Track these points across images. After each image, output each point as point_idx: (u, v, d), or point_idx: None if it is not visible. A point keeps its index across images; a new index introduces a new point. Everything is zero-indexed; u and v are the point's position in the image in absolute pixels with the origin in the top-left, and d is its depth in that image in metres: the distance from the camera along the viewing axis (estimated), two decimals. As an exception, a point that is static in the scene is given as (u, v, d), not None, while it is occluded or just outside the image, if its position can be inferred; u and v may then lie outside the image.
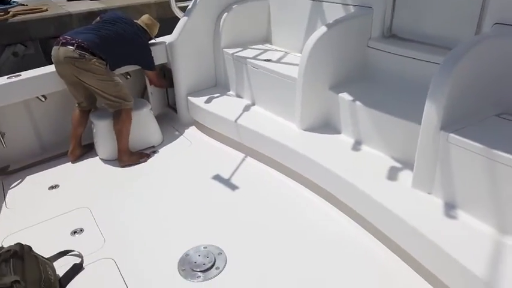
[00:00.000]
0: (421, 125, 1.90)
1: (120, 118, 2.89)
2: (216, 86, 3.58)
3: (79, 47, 2.68)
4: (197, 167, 2.93)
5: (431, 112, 1.84)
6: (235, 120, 2.98)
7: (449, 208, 1.89)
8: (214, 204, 2.51)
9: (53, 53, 2.77)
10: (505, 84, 1.96)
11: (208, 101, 3.31)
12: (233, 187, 2.66)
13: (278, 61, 3.07)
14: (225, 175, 2.78)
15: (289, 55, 3.20)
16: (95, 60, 2.73)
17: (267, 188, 2.65)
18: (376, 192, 2.06)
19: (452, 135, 1.80)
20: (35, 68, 3.03)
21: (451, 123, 1.85)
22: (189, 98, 3.42)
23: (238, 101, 3.29)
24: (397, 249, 1.99)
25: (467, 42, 1.88)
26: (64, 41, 2.71)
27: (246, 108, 3.16)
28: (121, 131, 2.91)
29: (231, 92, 3.44)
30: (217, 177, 2.76)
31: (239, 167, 2.89)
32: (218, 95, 3.41)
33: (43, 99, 3.04)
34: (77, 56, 2.67)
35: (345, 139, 2.57)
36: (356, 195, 2.16)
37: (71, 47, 2.68)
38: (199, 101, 3.34)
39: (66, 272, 1.99)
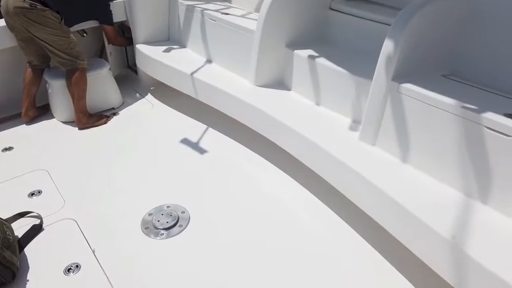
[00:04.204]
0: (374, 76, 1.95)
1: (74, 78, 2.77)
2: (169, 39, 3.45)
3: None
4: (159, 130, 2.89)
5: (383, 64, 1.90)
6: (191, 74, 2.89)
7: (392, 159, 1.98)
8: (175, 166, 2.52)
9: (1, 3, 2.58)
10: (452, 45, 2.05)
11: (161, 53, 3.19)
12: (196, 149, 2.67)
13: (236, 16, 3.00)
14: (187, 137, 2.77)
15: (249, 14, 3.13)
16: (48, 12, 2.57)
17: (227, 150, 2.68)
18: (324, 142, 2.10)
19: (403, 84, 1.86)
20: None
21: (401, 77, 1.92)
22: (137, 46, 3.27)
23: (193, 55, 3.20)
24: (336, 194, 2.07)
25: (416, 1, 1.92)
26: None
27: (201, 62, 3.07)
28: (76, 92, 2.80)
29: (186, 47, 3.33)
30: (180, 140, 2.75)
31: (200, 130, 2.88)
32: (173, 48, 3.29)
33: None
34: (28, 6, 2.51)
35: (298, 97, 2.59)
36: (305, 147, 2.21)
37: None
38: (151, 51, 3.19)
39: (25, 232, 1.96)
